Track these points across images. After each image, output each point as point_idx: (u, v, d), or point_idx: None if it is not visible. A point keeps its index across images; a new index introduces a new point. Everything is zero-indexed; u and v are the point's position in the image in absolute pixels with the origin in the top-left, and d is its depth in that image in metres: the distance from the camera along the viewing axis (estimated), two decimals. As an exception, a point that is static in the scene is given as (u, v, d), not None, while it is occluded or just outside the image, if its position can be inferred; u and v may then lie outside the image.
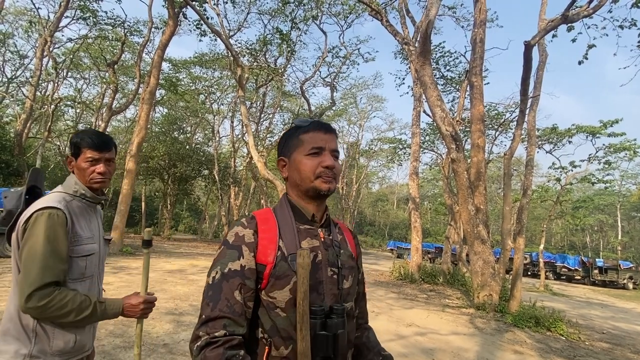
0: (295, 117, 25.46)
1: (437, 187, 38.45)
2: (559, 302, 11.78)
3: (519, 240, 8.11)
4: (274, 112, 26.10)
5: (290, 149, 1.03)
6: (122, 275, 8.00)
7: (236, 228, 0.95)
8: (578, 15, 7.37)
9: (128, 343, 3.88)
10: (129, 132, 28.10)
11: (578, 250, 37.91)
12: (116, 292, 6.29)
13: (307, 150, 0.99)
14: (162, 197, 26.30)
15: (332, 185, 0.99)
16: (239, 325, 0.86)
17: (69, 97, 22.50)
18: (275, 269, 0.91)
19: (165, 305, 5.68)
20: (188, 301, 6.11)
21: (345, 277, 1.01)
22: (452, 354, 4.84)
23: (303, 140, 1.01)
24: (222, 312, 0.85)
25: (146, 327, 4.50)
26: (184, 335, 4.32)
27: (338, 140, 1.10)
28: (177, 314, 5.26)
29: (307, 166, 0.98)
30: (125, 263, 10.04)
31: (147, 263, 1.56)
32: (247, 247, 0.92)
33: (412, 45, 8.96)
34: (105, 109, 18.36)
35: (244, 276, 0.89)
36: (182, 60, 23.52)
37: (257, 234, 0.94)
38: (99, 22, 16.87)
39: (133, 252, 12.77)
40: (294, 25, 16.45)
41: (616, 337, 7.29)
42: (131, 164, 13.24)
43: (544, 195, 20.90)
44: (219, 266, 0.90)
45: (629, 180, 35.70)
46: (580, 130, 16.17)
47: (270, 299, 0.91)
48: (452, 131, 7.84)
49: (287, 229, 0.97)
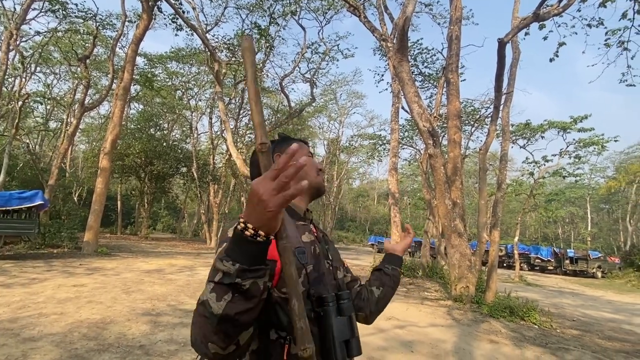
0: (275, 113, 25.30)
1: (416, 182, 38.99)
2: (532, 292, 12.18)
3: (494, 233, 8.32)
4: (253, 108, 25.80)
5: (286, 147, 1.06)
6: (97, 277, 7.79)
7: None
8: (549, 14, 7.58)
9: (102, 346, 3.78)
10: (102, 129, 27.28)
11: (551, 242, 39.25)
12: (90, 293, 6.12)
13: (305, 152, 1.09)
14: (139, 196, 25.68)
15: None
16: None
17: (38, 92, 21.63)
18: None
19: (141, 306, 5.56)
20: (166, 301, 6.00)
21: (338, 268, 1.07)
22: (430, 345, 4.94)
23: (299, 144, 1.09)
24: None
25: (121, 328, 4.41)
26: (161, 336, 4.24)
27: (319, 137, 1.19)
28: (154, 314, 5.16)
29: (310, 163, 1.06)
30: (100, 264, 9.78)
31: None
32: None
33: (390, 41, 9.02)
34: (77, 105, 17.72)
35: None
36: (157, 55, 22.96)
37: None
38: (68, 15, 16.23)
39: (108, 252, 12.44)
40: (273, 21, 16.30)
41: (585, 324, 7.60)
42: (105, 162, 12.88)
43: (518, 189, 21.53)
44: None
45: (598, 173, 37.21)
46: (552, 126, 16.69)
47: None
48: (429, 127, 7.95)
49: (288, 225, 0.94)
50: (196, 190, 25.48)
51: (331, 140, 38.20)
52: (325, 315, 0.89)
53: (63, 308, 5.09)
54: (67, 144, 16.30)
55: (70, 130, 16.40)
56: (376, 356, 4.31)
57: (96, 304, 5.44)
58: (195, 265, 11.14)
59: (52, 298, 5.62)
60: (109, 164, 13.25)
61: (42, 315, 4.68)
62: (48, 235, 12.43)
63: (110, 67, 17.19)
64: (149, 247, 16.79)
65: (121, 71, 14.09)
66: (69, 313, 4.88)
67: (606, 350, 5.47)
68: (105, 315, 4.88)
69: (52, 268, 8.56)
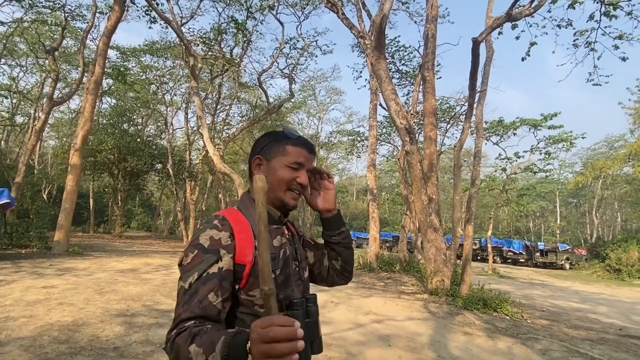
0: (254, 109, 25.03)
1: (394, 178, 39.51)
2: (505, 284, 12.60)
3: (469, 228, 8.55)
4: (231, 103, 25.46)
5: (272, 154, 1.06)
6: (69, 277, 7.54)
7: (210, 231, 0.94)
8: (521, 14, 7.79)
9: (74, 349, 3.67)
10: (73, 124, 26.31)
11: (522, 235, 40.62)
12: (61, 295, 5.93)
13: (288, 161, 1.04)
14: (112, 193, 24.97)
15: (297, 203, 1.06)
16: (212, 321, 0.87)
17: (3, 86, 20.64)
18: (254, 269, 0.93)
19: (115, 307, 5.43)
20: (141, 301, 5.87)
21: (304, 268, 1.13)
22: (407, 339, 5.04)
23: (288, 151, 1.05)
24: (194, 312, 0.85)
25: (94, 330, 4.29)
26: (136, 337, 4.16)
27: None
28: (128, 315, 5.05)
29: (284, 177, 1.03)
30: (72, 264, 9.46)
31: None
32: (225, 250, 0.92)
33: (367, 39, 9.06)
34: (46, 99, 17.00)
35: (221, 278, 0.90)
36: (130, 48, 22.25)
37: (233, 236, 0.95)
38: (35, 4, 15.50)
39: (81, 252, 12.06)
40: (250, 15, 16.06)
41: (554, 314, 7.94)
42: (76, 159, 12.44)
43: (491, 184, 22.17)
44: (195, 271, 0.89)
45: (566, 169, 38.68)
46: (523, 123, 17.24)
47: (250, 297, 0.95)
48: (406, 124, 8.06)
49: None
50: (172, 187, 24.94)
51: (310, 136, 38.16)
52: (294, 318, 0.90)
53: (32, 311, 4.91)
54: (35, 140, 15.64)
55: (38, 125, 15.73)
56: (354, 351, 4.36)
57: (67, 306, 5.27)
58: (172, 264, 10.95)
59: (20, 300, 5.41)
60: (80, 161, 12.80)
61: (10, 319, 4.50)
62: (15, 235, 11.92)
63: (80, 60, 16.53)
64: (124, 246, 16.37)
65: (92, 64, 13.59)
66: (38, 316, 4.71)
67: (573, 338, 5.73)
68: (77, 317, 4.74)
69: (20, 269, 8.23)
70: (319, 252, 1.23)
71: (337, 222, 1.17)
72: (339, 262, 1.21)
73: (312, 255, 1.22)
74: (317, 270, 1.23)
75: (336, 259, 1.21)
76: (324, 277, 1.24)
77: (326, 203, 1.14)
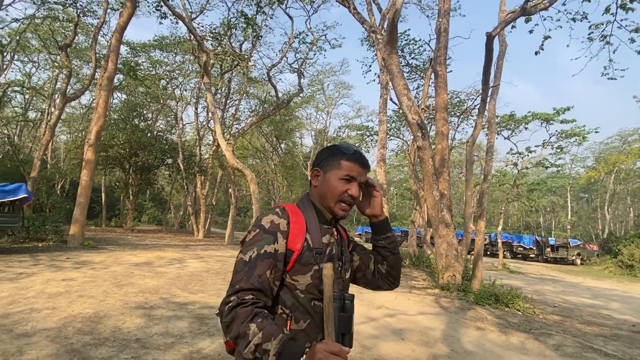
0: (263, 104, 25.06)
1: (403, 172, 39.35)
2: (515, 280, 12.56)
3: (480, 223, 8.54)
4: (240, 98, 25.53)
5: (328, 167, 1.16)
6: (86, 270, 7.72)
7: (272, 216, 1.08)
8: (536, 8, 7.70)
9: (98, 340, 3.79)
10: (85, 119, 26.61)
11: (533, 230, 40.27)
12: (81, 287, 6.08)
13: (342, 175, 1.13)
14: (123, 188, 25.26)
15: (346, 214, 1.15)
16: (266, 296, 1.00)
17: (17, 81, 20.92)
18: (301, 256, 1.06)
19: (134, 299, 5.56)
20: (158, 294, 6.01)
21: (347, 269, 1.22)
22: (419, 333, 5.10)
23: (342, 165, 1.14)
24: (253, 285, 0.97)
25: (116, 322, 4.42)
26: (156, 329, 4.27)
27: (307, 127, 1.22)
28: (147, 307, 5.17)
29: (337, 188, 1.13)
30: (88, 257, 9.67)
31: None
32: (281, 234, 1.05)
33: (379, 33, 9.03)
34: (59, 95, 17.22)
35: (276, 258, 1.02)
36: (141, 44, 22.38)
37: (289, 224, 1.08)
38: (47, 1, 15.69)
39: (95, 245, 12.29)
40: (259, 9, 16.05)
41: (566, 309, 7.92)
42: (90, 154, 12.64)
43: (502, 179, 21.98)
44: (255, 247, 1.02)
45: (578, 163, 38.17)
46: (535, 117, 17.02)
47: (293, 281, 1.06)
48: (418, 120, 8.05)
49: (313, 225, 1.12)
50: (182, 182, 25.20)
51: (319, 131, 38.08)
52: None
53: (54, 303, 5.06)
54: (49, 135, 15.89)
55: (52, 121, 15.98)
56: (368, 344, 4.43)
57: (88, 298, 5.42)
58: (185, 257, 11.12)
59: (42, 293, 5.57)
60: (94, 156, 13.00)
61: (34, 311, 4.64)
62: (32, 229, 12.19)
63: (92, 56, 16.72)
64: (136, 240, 16.62)
65: (104, 60, 13.75)
66: (61, 308, 4.85)
67: (586, 334, 5.73)
68: (98, 310, 4.87)
69: (39, 262, 8.44)
70: (366, 255, 1.32)
71: (384, 228, 1.27)
72: (384, 266, 1.28)
73: (358, 258, 1.31)
74: (362, 272, 1.32)
75: (382, 262, 1.28)
76: (369, 280, 1.32)
77: (373, 209, 1.24)
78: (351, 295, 1.08)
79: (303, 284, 1.05)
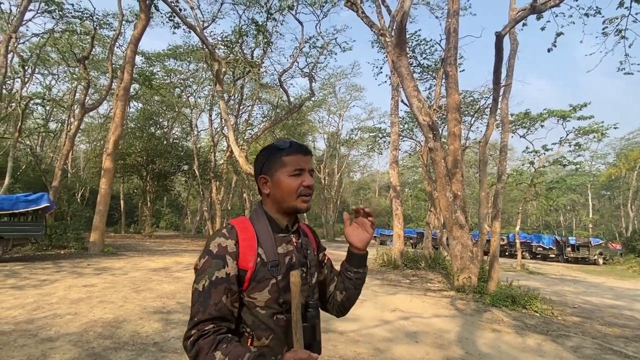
0: (275, 109, 25.29)
1: (417, 173, 39.01)
2: (534, 281, 12.31)
3: (495, 224, 8.43)
4: (253, 104, 25.87)
5: (272, 169, 1.12)
6: (106, 276, 7.94)
7: (218, 239, 1.05)
8: (546, 5, 7.60)
9: (118, 344, 3.91)
10: (103, 128, 27.32)
11: (552, 230, 39.37)
12: (101, 293, 6.27)
13: (290, 171, 1.10)
14: (141, 195, 25.84)
15: (309, 205, 1.13)
16: (227, 321, 1.00)
17: (38, 94, 21.65)
18: (255, 274, 1.03)
19: (152, 304, 5.70)
20: (175, 299, 6.14)
21: (312, 274, 1.17)
22: (434, 335, 5.07)
23: (286, 161, 1.11)
24: (211, 314, 0.97)
25: (135, 327, 4.54)
26: (174, 333, 4.38)
27: (319, 131, 1.22)
28: (165, 312, 5.30)
29: (291, 186, 1.10)
30: (108, 264, 9.93)
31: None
32: (230, 257, 1.03)
33: (388, 36, 9.04)
34: (78, 106, 17.78)
35: (229, 282, 1.01)
36: (155, 53, 22.94)
37: (238, 244, 1.05)
38: (65, 15, 16.22)
39: (115, 252, 12.61)
40: (270, 16, 16.26)
41: (587, 310, 7.73)
42: (108, 163, 13.00)
43: (519, 178, 21.56)
44: (206, 275, 1.01)
45: (599, 160, 37.19)
46: (551, 115, 16.69)
47: (251, 299, 1.04)
48: (429, 121, 8.02)
49: (265, 237, 1.09)
50: (198, 188, 25.60)
51: (331, 134, 38.22)
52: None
53: (76, 308, 5.24)
54: (69, 145, 16.40)
55: (72, 131, 16.48)
56: (382, 347, 4.44)
57: (108, 304, 5.58)
58: (201, 262, 11.28)
59: (64, 299, 5.76)
60: (112, 165, 13.36)
61: (57, 316, 4.82)
62: (54, 237, 12.60)
63: (109, 67, 17.21)
64: (154, 246, 16.96)
65: (120, 71, 14.13)
66: (82, 313, 5.02)
67: (606, 336, 5.60)
68: (117, 315, 5.02)
69: (61, 269, 8.71)
70: (332, 275, 1.29)
71: (360, 262, 1.21)
72: (342, 295, 1.24)
73: (324, 275, 1.27)
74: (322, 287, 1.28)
75: (342, 292, 1.24)
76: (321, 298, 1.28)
77: (360, 242, 1.19)
78: (315, 303, 1.08)
79: (262, 300, 1.04)
